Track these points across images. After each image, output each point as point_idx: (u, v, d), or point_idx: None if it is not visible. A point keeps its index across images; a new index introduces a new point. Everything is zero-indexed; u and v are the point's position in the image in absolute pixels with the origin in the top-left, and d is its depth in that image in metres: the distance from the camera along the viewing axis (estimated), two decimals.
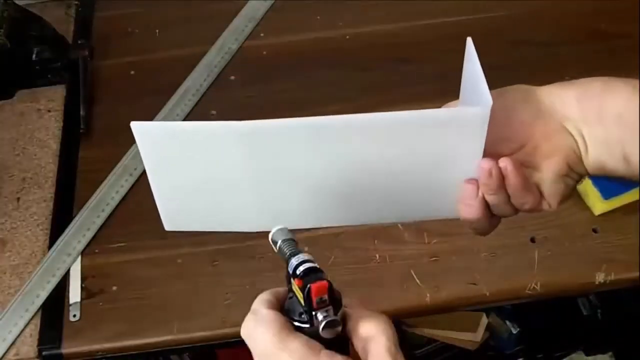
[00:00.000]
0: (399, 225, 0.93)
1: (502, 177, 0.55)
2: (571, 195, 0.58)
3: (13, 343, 0.85)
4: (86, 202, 0.97)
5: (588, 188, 0.92)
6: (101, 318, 0.87)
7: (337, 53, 1.14)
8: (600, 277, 0.88)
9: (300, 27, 1.17)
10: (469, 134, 0.53)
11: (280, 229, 0.54)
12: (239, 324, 0.86)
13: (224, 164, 0.55)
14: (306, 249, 0.51)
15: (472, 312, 1.48)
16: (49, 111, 1.08)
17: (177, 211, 0.60)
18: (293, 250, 0.52)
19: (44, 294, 0.89)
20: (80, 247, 0.93)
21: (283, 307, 0.52)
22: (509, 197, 0.56)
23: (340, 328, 0.50)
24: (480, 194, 0.56)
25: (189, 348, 0.96)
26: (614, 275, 0.88)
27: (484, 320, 1.50)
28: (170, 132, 0.55)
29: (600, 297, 1.43)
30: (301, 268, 0.50)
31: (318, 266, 0.50)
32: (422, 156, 0.55)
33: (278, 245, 0.53)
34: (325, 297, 0.49)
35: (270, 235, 0.54)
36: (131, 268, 0.92)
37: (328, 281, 0.49)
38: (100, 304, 0.89)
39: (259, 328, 0.50)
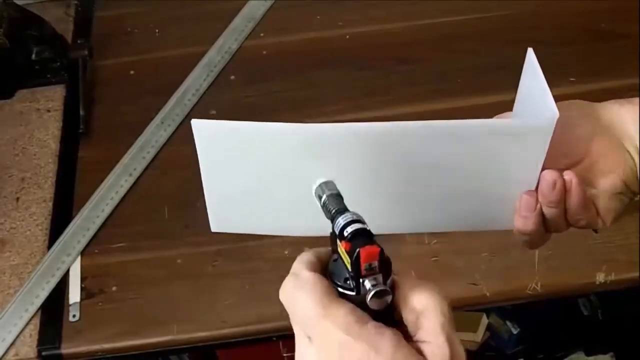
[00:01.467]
0: None
1: (564, 191, 0.54)
2: (625, 213, 0.58)
3: (12, 343, 0.85)
4: (86, 202, 0.97)
5: None
6: (101, 318, 0.87)
7: (337, 53, 1.13)
8: (600, 277, 0.87)
9: (300, 27, 1.17)
10: (532, 145, 0.53)
11: (325, 182, 0.49)
12: (239, 325, 0.86)
13: (282, 167, 0.54)
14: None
15: (473, 312, 1.48)
16: (49, 111, 1.08)
17: (226, 212, 0.58)
18: (340, 207, 0.47)
19: (43, 294, 0.89)
20: (80, 247, 0.93)
21: (326, 269, 0.47)
22: (565, 211, 0.56)
23: (389, 299, 0.44)
24: (538, 206, 0.56)
25: (188, 348, 0.95)
26: (615, 275, 0.87)
27: (485, 321, 1.50)
28: (231, 131, 0.53)
29: (600, 297, 1.43)
30: (349, 229, 0.44)
31: (368, 228, 0.45)
32: (483, 165, 0.54)
33: (322, 200, 0.48)
34: (375, 263, 0.43)
35: (313, 189, 0.50)
36: (131, 268, 0.92)
37: (380, 247, 0.43)
38: (100, 304, 0.88)
39: (300, 293, 0.45)
